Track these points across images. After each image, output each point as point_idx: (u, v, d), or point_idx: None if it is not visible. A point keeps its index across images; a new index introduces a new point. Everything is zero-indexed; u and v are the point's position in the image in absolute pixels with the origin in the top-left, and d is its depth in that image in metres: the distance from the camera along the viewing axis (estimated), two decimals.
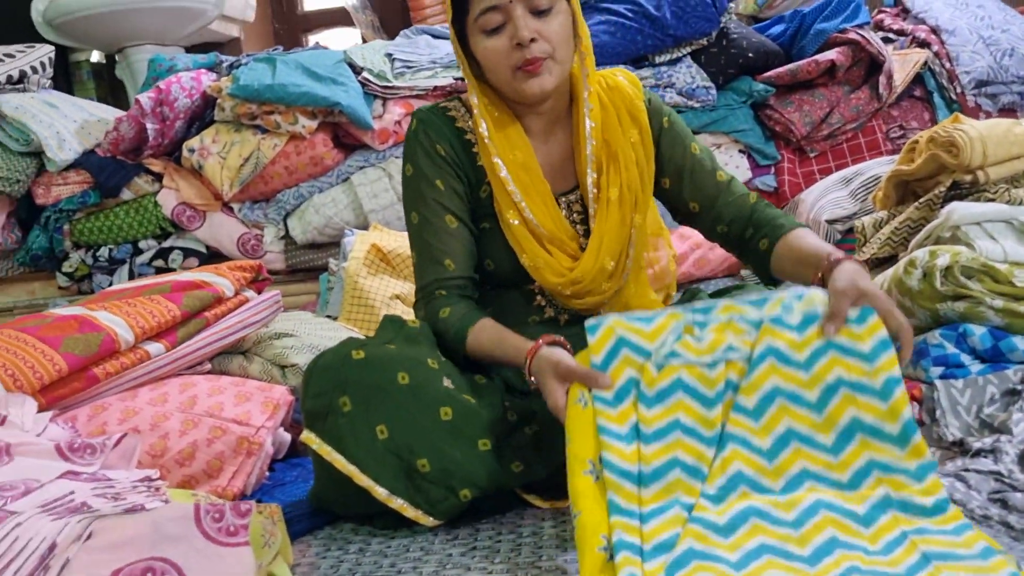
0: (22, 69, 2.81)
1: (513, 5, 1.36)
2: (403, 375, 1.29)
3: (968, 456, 1.31)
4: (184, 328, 1.71)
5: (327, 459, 1.27)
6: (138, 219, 2.68)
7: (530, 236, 1.43)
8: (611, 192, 1.44)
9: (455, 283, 1.43)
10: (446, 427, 1.28)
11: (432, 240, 1.43)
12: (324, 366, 1.31)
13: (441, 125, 1.46)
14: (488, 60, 1.40)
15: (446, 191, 1.44)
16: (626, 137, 1.45)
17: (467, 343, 1.38)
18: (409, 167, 1.46)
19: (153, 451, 1.48)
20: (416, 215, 1.45)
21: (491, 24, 1.37)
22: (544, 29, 1.37)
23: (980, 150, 1.73)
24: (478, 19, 1.38)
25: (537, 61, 1.36)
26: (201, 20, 4.01)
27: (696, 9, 2.64)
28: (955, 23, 2.74)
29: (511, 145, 1.43)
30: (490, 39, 1.38)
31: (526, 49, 1.36)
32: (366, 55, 2.75)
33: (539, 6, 1.36)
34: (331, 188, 2.66)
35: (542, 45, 1.37)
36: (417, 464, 1.26)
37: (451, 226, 1.43)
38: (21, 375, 1.44)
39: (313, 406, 1.30)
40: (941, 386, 1.43)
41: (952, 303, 1.49)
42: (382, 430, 1.27)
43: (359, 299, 2.12)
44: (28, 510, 0.98)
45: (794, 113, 2.65)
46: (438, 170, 1.44)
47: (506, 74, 1.39)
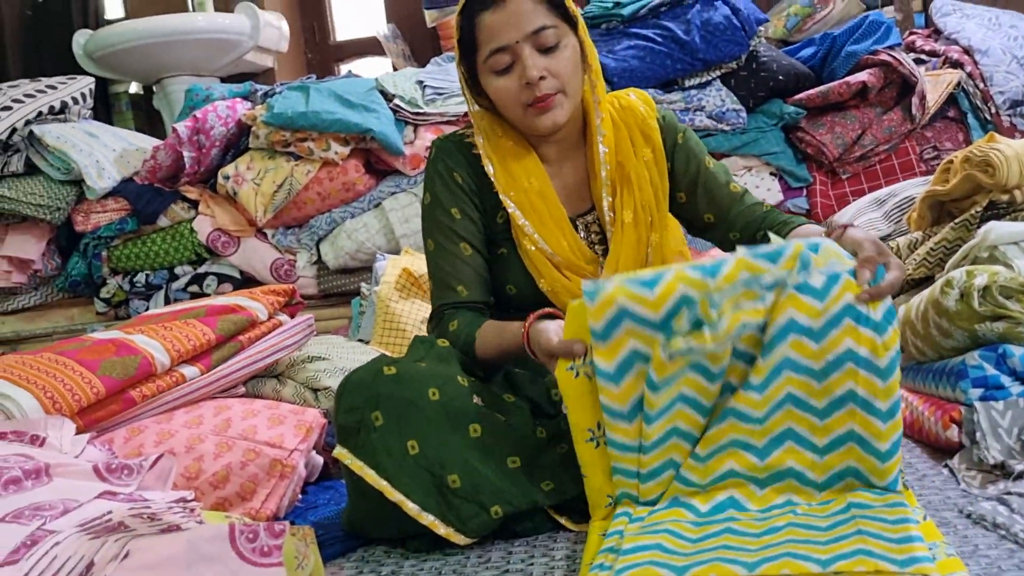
0: (63, 100, 2.88)
1: (520, 45, 1.39)
2: (434, 391, 1.30)
3: (1010, 479, 1.29)
4: (219, 352, 1.72)
5: (359, 474, 1.28)
6: (174, 245, 2.72)
7: (547, 262, 1.46)
8: (625, 214, 1.47)
9: (466, 306, 1.47)
10: (476, 444, 1.29)
11: (446, 266, 1.47)
12: (357, 382, 1.33)
13: (459, 153, 1.49)
14: (500, 99, 1.43)
15: (461, 219, 1.47)
16: (639, 157, 1.48)
17: (475, 346, 1.40)
18: (428, 195, 1.50)
19: (188, 473, 1.49)
20: (432, 242, 1.49)
21: (500, 65, 1.40)
22: (553, 66, 1.40)
23: (1017, 169, 1.71)
24: (487, 60, 1.41)
25: (548, 98, 1.40)
26: (237, 51, 4.08)
27: (725, 33, 2.65)
28: (988, 43, 2.72)
29: (527, 173, 1.46)
30: (500, 79, 1.41)
31: (536, 87, 1.39)
32: (397, 82, 2.78)
33: (546, 43, 1.39)
34: (363, 213, 2.68)
35: (552, 82, 1.40)
36: (448, 480, 1.26)
37: (465, 253, 1.47)
38: (60, 398, 1.46)
39: (345, 421, 1.31)
40: (981, 408, 1.40)
41: (991, 323, 1.47)
42: (413, 445, 1.27)
43: (391, 323, 2.14)
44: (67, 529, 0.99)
45: (826, 135, 2.64)
46: (454, 198, 1.48)
47: (518, 111, 1.43)
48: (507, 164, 1.47)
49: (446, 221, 1.47)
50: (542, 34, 1.39)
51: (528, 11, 1.39)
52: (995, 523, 1.14)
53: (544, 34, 1.39)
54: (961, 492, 1.33)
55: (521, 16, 1.39)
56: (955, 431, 1.46)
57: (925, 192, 1.91)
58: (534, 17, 1.39)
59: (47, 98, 2.84)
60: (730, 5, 2.67)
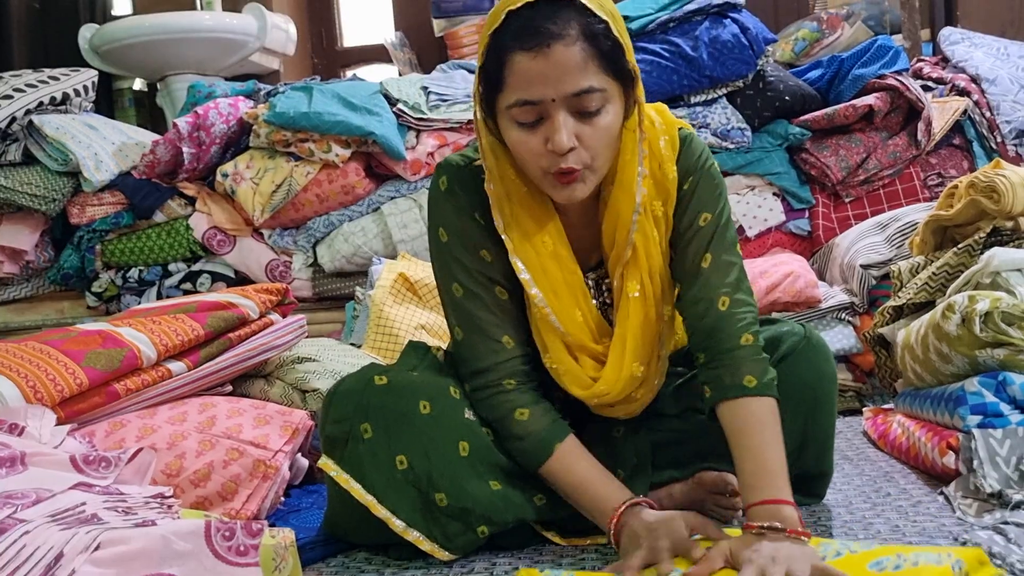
0: (65, 91, 2.85)
1: (555, 105, 1.14)
2: (425, 404, 1.26)
3: (1008, 508, 1.26)
4: (207, 348, 1.70)
5: (344, 487, 1.25)
6: (169, 241, 2.70)
7: (557, 340, 1.28)
8: (629, 286, 1.26)
9: (519, 366, 1.28)
10: (465, 462, 1.26)
11: (483, 315, 1.27)
12: (346, 391, 1.29)
13: (474, 191, 1.28)
14: (518, 154, 1.20)
15: (493, 262, 1.27)
16: (649, 214, 1.26)
17: (549, 463, 1.23)
18: (443, 232, 1.29)
19: (169, 470, 1.46)
20: (459, 287, 1.28)
21: (526, 118, 1.16)
22: (587, 133, 1.16)
23: (1022, 196, 1.69)
24: (511, 108, 1.16)
25: (572, 172, 1.17)
26: (243, 52, 4.07)
27: (733, 51, 2.64)
28: (996, 72, 2.71)
29: (541, 230, 1.26)
30: (523, 132, 1.17)
31: (562, 159, 1.16)
32: (402, 87, 2.77)
33: (586, 109, 1.15)
34: (361, 217, 2.66)
35: (581, 155, 1.16)
36: (435, 497, 1.24)
37: (502, 298, 1.28)
38: (42, 387, 1.44)
39: (333, 432, 1.28)
40: (979, 435, 1.38)
41: (991, 350, 1.45)
42: (402, 460, 1.24)
43: (384, 328, 2.11)
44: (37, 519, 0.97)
45: (830, 157, 2.62)
46: (481, 238, 1.27)
47: (535, 173, 1.20)
48: (520, 218, 1.26)
49: (473, 263, 1.27)
50: (584, 98, 1.14)
51: (573, 67, 1.12)
52: (991, 552, 1.11)
53: (586, 98, 1.14)
54: (957, 520, 1.31)
55: (564, 72, 1.12)
56: (952, 458, 1.44)
57: (928, 216, 1.89)
58: (579, 76, 1.13)
59: (49, 89, 2.82)
60: (739, 24, 2.66)
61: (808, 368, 1.35)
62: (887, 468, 1.62)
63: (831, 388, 1.39)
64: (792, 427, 1.33)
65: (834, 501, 1.45)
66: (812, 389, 1.35)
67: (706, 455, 1.38)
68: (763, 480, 1.14)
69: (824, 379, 1.37)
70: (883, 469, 1.62)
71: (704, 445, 1.38)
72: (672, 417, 1.39)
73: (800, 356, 1.35)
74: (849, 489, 1.51)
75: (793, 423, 1.34)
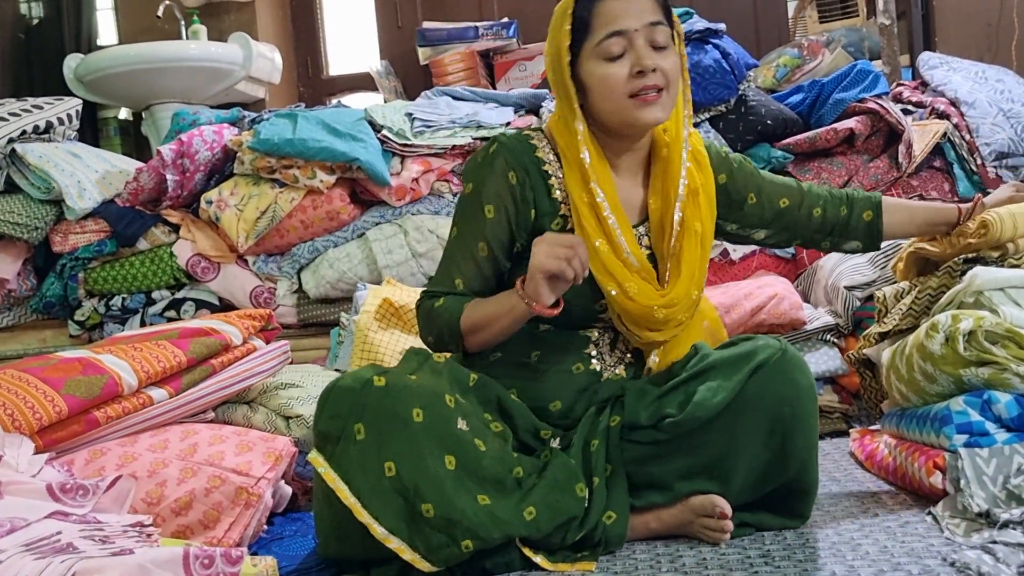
0: (48, 120, 2.84)
1: (637, 34, 1.41)
2: (418, 411, 1.26)
3: (995, 528, 1.26)
4: (189, 375, 1.68)
5: (331, 486, 1.24)
6: (153, 269, 2.68)
7: (619, 263, 1.44)
8: (696, 224, 1.49)
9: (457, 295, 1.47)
10: (452, 475, 1.25)
11: (457, 257, 1.47)
12: (344, 388, 1.29)
13: (522, 153, 1.48)
14: (605, 86, 1.42)
15: (493, 219, 1.46)
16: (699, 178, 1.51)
17: (462, 318, 1.42)
18: (470, 185, 1.49)
19: (149, 499, 1.44)
20: (456, 229, 1.49)
21: (612, 51, 1.41)
22: (662, 63, 1.42)
23: (1011, 224, 1.68)
24: (600, 44, 1.42)
25: (656, 90, 1.41)
26: (228, 80, 4.08)
27: (715, 76, 2.66)
28: (974, 95, 2.74)
29: (602, 179, 1.46)
30: (610, 65, 1.42)
31: (646, 77, 1.40)
32: (386, 113, 2.77)
33: (659, 40, 1.42)
34: (346, 243, 2.65)
35: (659, 76, 1.41)
36: (421, 508, 1.23)
37: (480, 254, 1.46)
38: (20, 415, 1.42)
39: (327, 428, 1.28)
40: (966, 455, 1.38)
41: (976, 369, 1.45)
42: (390, 467, 1.24)
43: (369, 353, 2.10)
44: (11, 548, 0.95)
45: (812, 180, 2.64)
46: (498, 197, 1.46)
47: (620, 101, 1.42)
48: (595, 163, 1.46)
49: (476, 216, 1.46)
50: (658, 28, 1.42)
51: (648, 5, 1.43)
52: (980, 572, 1.11)
53: (659, 29, 1.42)
54: (945, 540, 1.30)
55: (642, 8, 1.42)
56: (939, 478, 1.43)
57: (913, 247, 1.88)
58: (653, 12, 1.43)
59: (32, 117, 2.81)
60: (720, 49, 2.68)
61: (784, 381, 1.37)
62: (874, 489, 1.62)
63: (809, 402, 1.39)
64: (770, 442, 1.35)
65: (822, 522, 1.44)
66: (789, 403, 1.36)
67: (685, 473, 1.38)
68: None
69: (801, 391, 1.38)
70: (870, 490, 1.61)
71: (682, 462, 1.38)
72: (647, 428, 1.40)
73: (775, 368, 1.37)
74: (837, 510, 1.50)
75: (771, 437, 1.35)
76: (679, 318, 1.47)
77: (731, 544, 1.37)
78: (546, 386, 1.47)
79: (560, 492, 1.32)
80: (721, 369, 1.39)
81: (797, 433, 1.37)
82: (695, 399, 1.37)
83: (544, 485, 1.32)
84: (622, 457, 1.41)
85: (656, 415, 1.39)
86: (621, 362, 1.51)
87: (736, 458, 1.37)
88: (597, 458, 1.39)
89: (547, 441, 1.44)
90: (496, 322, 1.41)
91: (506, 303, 1.40)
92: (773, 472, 1.38)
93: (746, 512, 1.41)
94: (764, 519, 1.42)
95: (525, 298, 1.36)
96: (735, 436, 1.37)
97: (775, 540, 1.38)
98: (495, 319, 1.41)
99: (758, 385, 1.36)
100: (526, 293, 1.36)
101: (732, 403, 1.36)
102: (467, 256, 1.46)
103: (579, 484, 1.35)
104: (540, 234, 1.43)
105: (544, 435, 1.45)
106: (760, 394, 1.36)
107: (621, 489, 1.39)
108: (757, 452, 1.37)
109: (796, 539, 1.38)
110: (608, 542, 1.36)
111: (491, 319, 1.41)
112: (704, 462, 1.38)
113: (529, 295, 1.36)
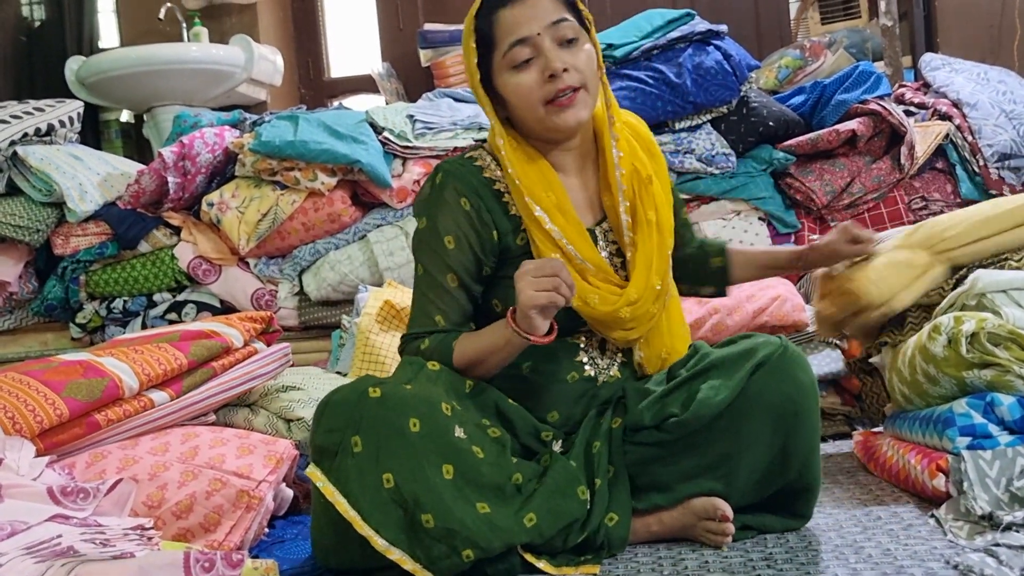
0: (50, 122, 2.85)
1: (541, 37, 1.38)
2: (415, 421, 1.25)
3: (998, 530, 1.25)
4: (190, 377, 1.68)
5: (329, 499, 1.23)
6: (154, 271, 2.68)
7: (575, 273, 1.41)
8: (649, 214, 1.46)
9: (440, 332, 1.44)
10: (451, 484, 1.24)
11: (430, 294, 1.44)
12: (340, 401, 1.28)
13: (469, 177, 1.44)
14: (519, 96, 1.40)
15: (454, 249, 1.42)
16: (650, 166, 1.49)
17: (453, 355, 1.39)
18: (424, 220, 1.44)
19: (150, 502, 1.44)
20: (421, 267, 1.46)
21: (520, 58, 1.38)
22: (573, 60, 1.38)
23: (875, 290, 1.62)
24: (507, 54, 1.39)
25: (571, 91, 1.38)
26: (230, 83, 4.08)
27: (716, 78, 2.65)
28: (977, 97, 2.74)
29: (545, 185, 1.43)
30: (520, 74, 1.39)
31: (559, 79, 1.37)
32: (388, 115, 2.77)
33: (566, 36, 1.39)
34: (347, 245, 2.65)
35: (574, 75, 1.38)
36: (421, 518, 1.22)
37: (451, 285, 1.43)
38: (21, 418, 1.42)
39: (324, 441, 1.27)
40: (968, 457, 1.37)
41: (979, 371, 1.45)
42: (388, 478, 1.23)
43: (370, 355, 2.09)
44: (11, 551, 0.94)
45: (815, 182, 2.63)
46: (455, 226, 1.42)
47: (537, 110, 1.40)
48: (529, 174, 1.43)
49: (438, 249, 1.42)
50: (562, 26, 1.39)
51: (547, 5, 1.39)
52: (983, 575, 1.10)
53: (564, 26, 1.39)
54: (948, 543, 1.30)
55: (540, 8, 1.39)
56: (942, 480, 1.43)
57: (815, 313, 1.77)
58: (553, 10, 1.39)
59: (34, 120, 2.81)
60: (722, 51, 2.68)
61: (785, 378, 1.36)
62: (877, 491, 1.61)
63: (811, 399, 1.39)
64: (773, 440, 1.34)
65: (824, 525, 1.44)
66: (792, 400, 1.36)
67: (689, 474, 1.38)
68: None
69: (802, 389, 1.37)
70: (873, 492, 1.61)
71: (685, 463, 1.37)
72: (651, 429, 1.39)
73: (776, 366, 1.37)
74: (839, 513, 1.50)
75: (774, 436, 1.35)
76: (649, 311, 1.44)
77: (733, 547, 1.36)
78: (543, 397, 1.45)
79: (561, 496, 1.31)
80: (722, 367, 1.39)
81: (800, 430, 1.37)
82: (698, 398, 1.36)
83: (545, 490, 1.31)
84: (624, 459, 1.40)
85: (660, 416, 1.39)
86: (614, 363, 1.49)
87: (740, 457, 1.37)
88: (599, 460, 1.39)
89: (548, 443, 1.44)
90: (492, 356, 1.39)
91: (500, 337, 1.36)
92: (775, 470, 1.38)
93: (748, 514, 1.41)
94: (767, 521, 1.42)
95: (520, 332, 1.33)
96: (739, 434, 1.36)
97: (777, 543, 1.38)
98: (490, 353, 1.38)
99: (760, 383, 1.36)
100: (520, 328, 1.32)
101: (735, 401, 1.35)
102: (439, 290, 1.43)
103: (580, 487, 1.34)
104: (507, 253, 1.44)
105: (545, 437, 1.44)
106: (763, 392, 1.35)
107: (623, 491, 1.38)
108: (760, 450, 1.37)
109: (799, 542, 1.37)
110: (610, 544, 1.35)
111: (486, 354, 1.39)
112: (708, 461, 1.37)
113: (524, 330, 1.32)
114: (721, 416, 1.36)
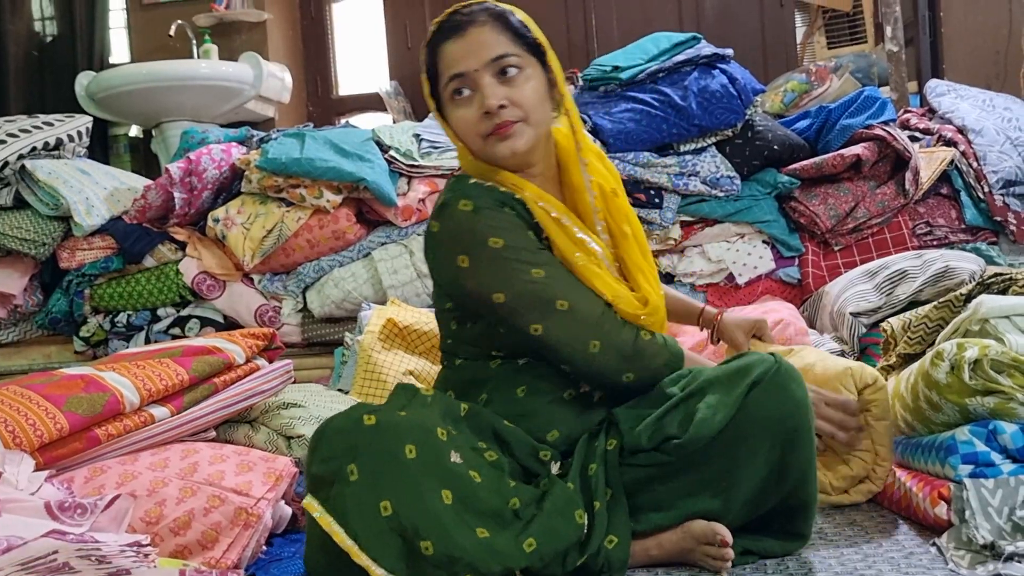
0: (58, 137, 2.87)
1: (479, 74, 1.37)
2: (411, 447, 1.25)
3: (1000, 560, 1.24)
4: (191, 393, 1.68)
5: (327, 530, 1.22)
6: (159, 286, 2.69)
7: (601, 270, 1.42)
8: (624, 227, 1.47)
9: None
10: (450, 509, 1.24)
11: (575, 284, 1.40)
12: (336, 429, 1.27)
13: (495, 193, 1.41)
14: (461, 130, 1.41)
15: (535, 241, 1.41)
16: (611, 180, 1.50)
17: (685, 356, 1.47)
18: (494, 240, 1.37)
19: (148, 518, 1.43)
20: (538, 271, 1.38)
21: (459, 91, 1.39)
22: (514, 95, 1.38)
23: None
24: (446, 87, 1.40)
25: (508, 125, 1.37)
26: (238, 99, 4.11)
27: (722, 101, 2.66)
28: (982, 123, 2.74)
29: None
30: (460, 109, 1.40)
31: (495, 116, 1.37)
32: (394, 134, 2.79)
33: (508, 74, 1.38)
34: (352, 263, 2.66)
35: (513, 111, 1.38)
36: (421, 545, 1.21)
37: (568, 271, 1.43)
38: (21, 432, 1.42)
39: (320, 471, 1.26)
40: (971, 485, 1.36)
41: (982, 398, 1.44)
42: (386, 506, 1.22)
43: (372, 373, 2.09)
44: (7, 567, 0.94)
45: (819, 206, 2.64)
46: (519, 227, 1.39)
47: (478, 143, 1.40)
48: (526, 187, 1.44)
49: (531, 248, 1.39)
50: (501, 62, 1.38)
51: (488, 40, 1.38)
52: None
53: (503, 62, 1.38)
54: (949, 572, 1.28)
55: (481, 45, 1.38)
56: (944, 508, 1.42)
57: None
58: (494, 46, 1.38)
59: (43, 134, 2.84)
60: (727, 74, 2.69)
61: (782, 395, 1.36)
62: (878, 519, 1.60)
63: (807, 414, 1.38)
64: (770, 457, 1.34)
65: (825, 552, 1.43)
66: (790, 416, 1.36)
67: (688, 491, 1.37)
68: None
69: (798, 406, 1.37)
70: (874, 519, 1.60)
71: (684, 481, 1.37)
72: (650, 451, 1.39)
73: (772, 383, 1.36)
74: (840, 540, 1.49)
75: (772, 451, 1.34)
76: (660, 318, 1.47)
77: (732, 572, 1.35)
78: (542, 417, 1.44)
79: (559, 519, 1.31)
80: (718, 386, 1.38)
81: (798, 445, 1.36)
82: (696, 419, 1.36)
83: (544, 515, 1.30)
84: (622, 480, 1.40)
85: (658, 437, 1.38)
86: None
87: (739, 472, 1.36)
88: (597, 482, 1.38)
89: (547, 463, 1.43)
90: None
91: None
92: (772, 486, 1.37)
93: (748, 538, 1.40)
94: (767, 545, 1.41)
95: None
96: (738, 452, 1.36)
97: (777, 568, 1.37)
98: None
99: (758, 400, 1.35)
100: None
101: (734, 420, 1.35)
102: (570, 278, 1.40)
103: (578, 510, 1.34)
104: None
105: (544, 456, 1.43)
106: (761, 409, 1.35)
107: (622, 513, 1.38)
108: (759, 465, 1.36)
109: (799, 568, 1.36)
110: (610, 567, 1.35)
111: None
112: (707, 478, 1.36)
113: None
114: (720, 435, 1.35)
